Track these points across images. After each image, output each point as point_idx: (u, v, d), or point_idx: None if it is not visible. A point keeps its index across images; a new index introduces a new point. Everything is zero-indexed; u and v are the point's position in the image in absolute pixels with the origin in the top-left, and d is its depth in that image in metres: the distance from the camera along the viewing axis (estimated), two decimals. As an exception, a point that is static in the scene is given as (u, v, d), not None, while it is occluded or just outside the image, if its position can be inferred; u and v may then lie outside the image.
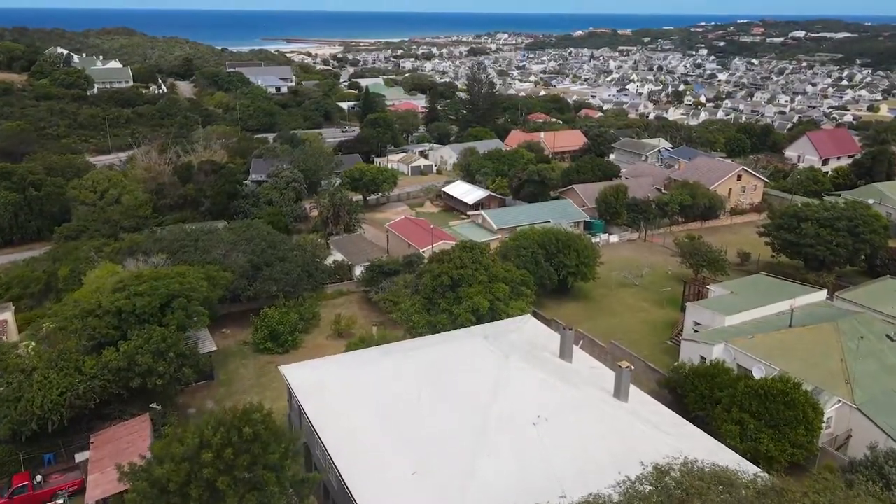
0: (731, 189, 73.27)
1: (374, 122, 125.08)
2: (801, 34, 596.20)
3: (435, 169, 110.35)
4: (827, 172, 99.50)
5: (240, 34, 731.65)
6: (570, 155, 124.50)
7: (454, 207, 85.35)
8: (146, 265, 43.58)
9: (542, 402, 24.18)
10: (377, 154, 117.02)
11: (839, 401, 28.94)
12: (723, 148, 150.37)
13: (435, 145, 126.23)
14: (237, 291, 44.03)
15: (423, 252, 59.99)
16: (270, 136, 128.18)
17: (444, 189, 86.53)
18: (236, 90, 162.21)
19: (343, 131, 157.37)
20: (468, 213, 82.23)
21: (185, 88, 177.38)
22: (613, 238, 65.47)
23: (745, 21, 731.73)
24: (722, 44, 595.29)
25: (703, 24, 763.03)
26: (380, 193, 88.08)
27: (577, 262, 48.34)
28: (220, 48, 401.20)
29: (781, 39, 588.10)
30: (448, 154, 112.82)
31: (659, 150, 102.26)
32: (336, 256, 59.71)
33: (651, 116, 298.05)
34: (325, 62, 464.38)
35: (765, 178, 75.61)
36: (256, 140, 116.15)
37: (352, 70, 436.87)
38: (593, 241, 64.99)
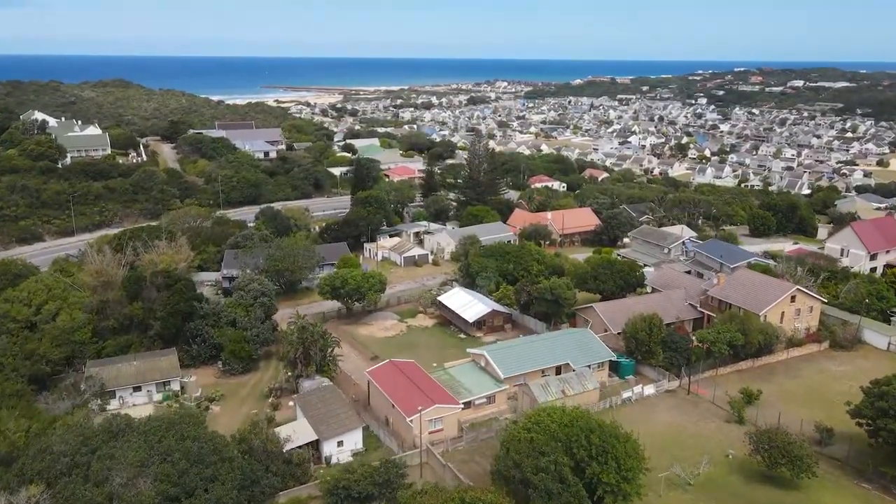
0: (783, 313, 60.91)
1: (365, 201, 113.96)
2: (799, 83, 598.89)
3: (430, 258, 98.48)
4: (876, 269, 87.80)
5: (242, 82, 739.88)
6: (580, 237, 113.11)
7: (451, 321, 72.86)
8: (10, 507, 30.60)
9: None
10: (367, 238, 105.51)
11: None
12: (743, 220, 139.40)
13: (432, 226, 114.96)
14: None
15: (411, 421, 47.05)
16: (253, 213, 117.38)
17: (441, 298, 74.18)
18: (220, 157, 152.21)
19: (329, 196, 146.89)
20: (468, 332, 69.77)
21: (168, 154, 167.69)
22: (649, 389, 52.52)
23: (742, 69, 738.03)
24: (721, 92, 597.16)
25: (700, 72, 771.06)
26: (365, 301, 75.69)
27: (617, 477, 35.32)
28: (216, 100, 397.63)
29: (780, 88, 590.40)
30: (445, 241, 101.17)
31: (683, 242, 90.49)
32: (299, 429, 46.60)
33: (656, 171, 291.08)
34: (323, 112, 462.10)
35: (822, 298, 63.30)
36: (233, 224, 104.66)
37: (350, 120, 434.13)
38: (624, 395, 52.10)
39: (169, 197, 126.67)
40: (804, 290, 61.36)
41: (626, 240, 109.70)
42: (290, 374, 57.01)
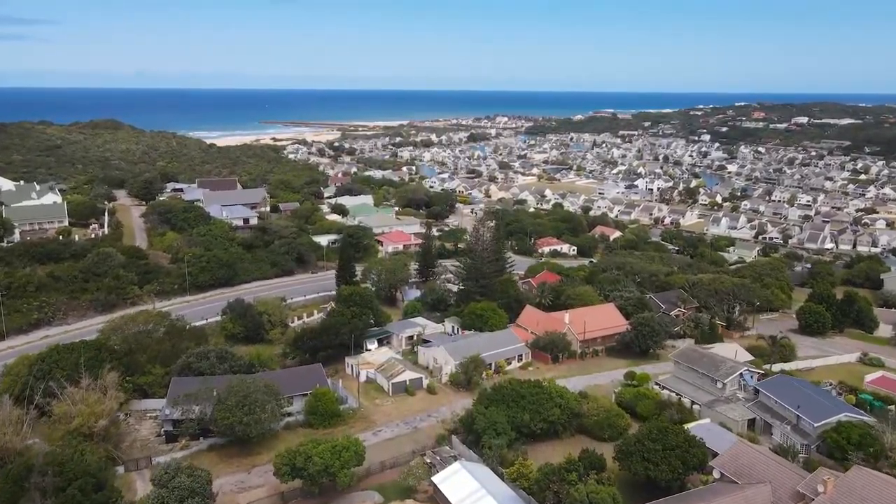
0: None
1: (349, 299, 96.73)
2: (803, 120, 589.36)
3: (425, 383, 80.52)
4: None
5: (242, 115, 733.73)
6: (603, 342, 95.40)
7: (452, 514, 54.59)
8: None
9: None
10: (351, 346, 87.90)
11: None
12: (783, 304, 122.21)
13: (429, 326, 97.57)
14: None
15: None
16: (223, 299, 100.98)
17: (437, 481, 56.08)
18: (192, 229, 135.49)
19: (314, 271, 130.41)
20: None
21: (136, 221, 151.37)
22: None
23: (742, 104, 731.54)
24: (724, 129, 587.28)
25: (701, 106, 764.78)
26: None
27: None
28: (209, 142, 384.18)
29: (784, 125, 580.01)
30: (443, 358, 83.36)
31: (740, 374, 72.75)
32: None
33: (667, 220, 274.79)
34: (320, 152, 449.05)
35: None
36: (188, 334, 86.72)
37: (348, 160, 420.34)
38: None
39: (125, 284, 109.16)
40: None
41: (660, 350, 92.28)
42: None
